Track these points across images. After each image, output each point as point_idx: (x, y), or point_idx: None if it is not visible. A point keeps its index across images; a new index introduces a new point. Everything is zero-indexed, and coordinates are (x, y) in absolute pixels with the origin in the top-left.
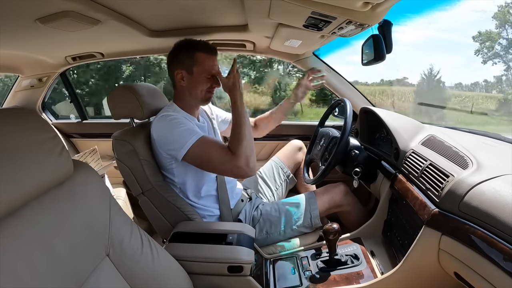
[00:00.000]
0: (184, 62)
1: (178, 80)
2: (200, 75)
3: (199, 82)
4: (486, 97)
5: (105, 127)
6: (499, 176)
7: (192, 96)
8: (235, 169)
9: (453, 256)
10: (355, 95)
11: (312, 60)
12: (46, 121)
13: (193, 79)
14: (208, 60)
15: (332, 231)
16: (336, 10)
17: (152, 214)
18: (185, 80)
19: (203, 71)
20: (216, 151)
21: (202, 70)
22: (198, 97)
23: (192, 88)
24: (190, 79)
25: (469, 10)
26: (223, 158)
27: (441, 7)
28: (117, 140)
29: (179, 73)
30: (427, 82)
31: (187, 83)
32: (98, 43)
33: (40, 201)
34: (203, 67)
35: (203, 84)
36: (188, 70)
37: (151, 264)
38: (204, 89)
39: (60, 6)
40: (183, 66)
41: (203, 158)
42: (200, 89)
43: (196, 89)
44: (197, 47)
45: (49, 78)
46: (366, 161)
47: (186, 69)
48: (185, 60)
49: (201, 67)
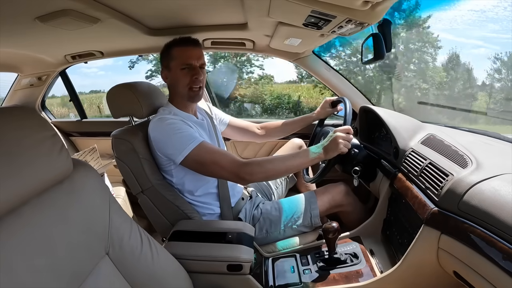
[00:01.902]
0: (164, 61)
1: (164, 80)
2: (176, 69)
3: (177, 75)
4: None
5: (105, 125)
6: (498, 175)
7: (178, 93)
8: (234, 177)
9: (452, 255)
10: (355, 94)
11: (311, 59)
12: (46, 119)
13: (172, 74)
14: (184, 52)
15: (331, 230)
16: (336, 9)
17: (151, 213)
18: (168, 78)
19: (178, 64)
20: (215, 156)
21: (178, 63)
22: (183, 93)
23: (175, 83)
24: (170, 75)
25: (467, 10)
26: (223, 164)
27: (440, 7)
28: (116, 138)
29: (163, 73)
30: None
31: (169, 80)
32: (98, 42)
33: (40, 199)
34: (179, 60)
35: (180, 77)
36: (167, 67)
37: (150, 263)
38: (184, 84)
39: (59, 5)
40: (163, 64)
41: (201, 163)
42: (180, 84)
43: (178, 84)
44: (173, 44)
45: (49, 77)
46: (366, 160)
47: (166, 67)
48: (164, 59)
49: (177, 61)
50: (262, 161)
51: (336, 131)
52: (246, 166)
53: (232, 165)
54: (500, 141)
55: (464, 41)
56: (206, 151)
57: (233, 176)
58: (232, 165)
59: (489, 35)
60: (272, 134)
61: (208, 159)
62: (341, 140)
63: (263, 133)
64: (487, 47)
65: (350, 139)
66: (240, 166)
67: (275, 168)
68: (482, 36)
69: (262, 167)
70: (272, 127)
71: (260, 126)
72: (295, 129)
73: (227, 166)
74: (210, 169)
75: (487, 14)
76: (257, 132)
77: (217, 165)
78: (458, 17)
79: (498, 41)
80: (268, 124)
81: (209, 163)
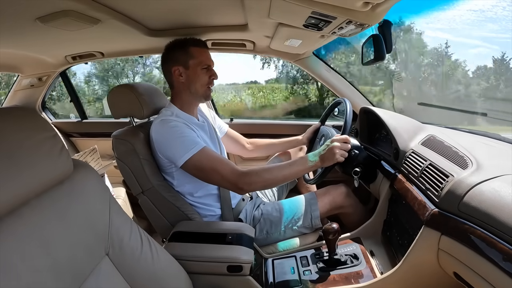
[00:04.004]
0: (179, 58)
1: (177, 77)
2: (196, 68)
3: (196, 74)
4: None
5: (105, 126)
6: (498, 176)
7: (192, 92)
8: (233, 186)
9: (452, 256)
10: (355, 95)
11: (312, 60)
12: (46, 120)
13: (190, 73)
14: (202, 53)
15: (331, 231)
16: (336, 10)
17: (152, 214)
18: (183, 76)
19: (198, 63)
20: (215, 164)
21: (197, 62)
22: (199, 92)
23: (191, 82)
24: (187, 73)
25: (466, 9)
26: (223, 173)
27: (439, 7)
28: (117, 139)
29: (177, 69)
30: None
31: (186, 79)
32: (98, 43)
33: (40, 200)
34: (198, 60)
35: (200, 76)
36: (184, 65)
37: (150, 264)
38: (203, 83)
39: (60, 6)
40: (178, 62)
41: (201, 170)
42: (199, 83)
43: (195, 84)
44: (190, 43)
45: (49, 78)
46: (366, 161)
47: (183, 65)
48: (179, 56)
49: (196, 60)
50: (260, 171)
51: (333, 141)
52: (245, 176)
53: (231, 175)
54: (500, 142)
55: (463, 40)
56: (207, 158)
57: (232, 186)
58: (231, 175)
59: (488, 35)
60: (258, 151)
61: (208, 166)
62: (337, 151)
63: (252, 148)
64: (486, 47)
65: (347, 149)
66: (239, 176)
67: (273, 178)
68: (481, 36)
69: (260, 177)
70: (260, 144)
71: (249, 142)
72: (280, 150)
73: (226, 175)
74: (209, 176)
75: (486, 14)
76: (246, 146)
77: (216, 172)
78: (457, 17)
79: (497, 41)
80: (256, 141)
81: (209, 170)
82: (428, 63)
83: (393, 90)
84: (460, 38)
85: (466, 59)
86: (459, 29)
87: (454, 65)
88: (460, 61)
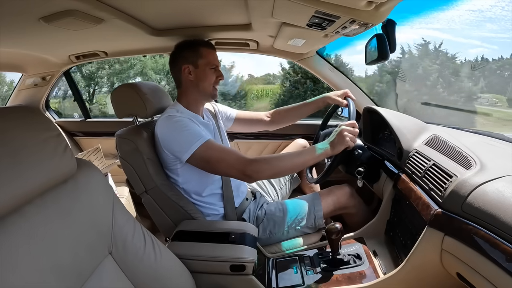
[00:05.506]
0: (189, 57)
1: (186, 75)
2: (205, 67)
3: (205, 73)
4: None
5: (109, 125)
6: (502, 176)
7: (200, 90)
8: (241, 174)
9: (455, 257)
10: (359, 94)
11: (315, 59)
12: (50, 119)
13: (199, 71)
14: (211, 54)
15: (334, 231)
16: (340, 9)
17: (155, 213)
18: (192, 74)
19: (207, 63)
20: (221, 154)
21: (206, 62)
22: (206, 91)
23: (200, 81)
24: (196, 72)
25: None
26: (229, 161)
27: (439, 8)
28: (120, 138)
29: (186, 67)
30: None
31: (194, 77)
32: (102, 42)
33: (44, 199)
34: (207, 59)
35: (208, 76)
36: (194, 64)
37: (153, 263)
38: (211, 82)
39: (63, 5)
40: (188, 60)
41: (207, 161)
42: (207, 81)
43: (203, 82)
44: (199, 43)
45: (53, 77)
46: (369, 161)
47: (192, 63)
48: (189, 55)
49: (205, 60)
50: (268, 158)
51: (341, 126)
52: (252, 163)
53: (238, 163)
54: (504, 142)
55: (463, 40)
56: (212, 149)
57: (240, 174)
58: (238, 163)
59: (487, 35)
60: (281, 120)
61: (214, 157)
62: (347, 133)
63: (271, 118)
64: (485, 47)
65: (356, 133)
66: (247, 164)
67: (281, 165)
68: (481, 36)
69: (268, 164)
70: (279, 111)
71: (269, 114)
72: (305, 113)
73: (234, 164)
74: (216, 167)
75: (485, 14)
76: (265, 119)
77: (223, 162)
78: (456, 17)
79: (496, 41)
80: (277, 110)
81: (215, 160)
82: (429, 64)
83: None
84: (460, 38)
85: (466, 59)
86: (459, 29)
87: (454, 65)
88: (460, 61)
